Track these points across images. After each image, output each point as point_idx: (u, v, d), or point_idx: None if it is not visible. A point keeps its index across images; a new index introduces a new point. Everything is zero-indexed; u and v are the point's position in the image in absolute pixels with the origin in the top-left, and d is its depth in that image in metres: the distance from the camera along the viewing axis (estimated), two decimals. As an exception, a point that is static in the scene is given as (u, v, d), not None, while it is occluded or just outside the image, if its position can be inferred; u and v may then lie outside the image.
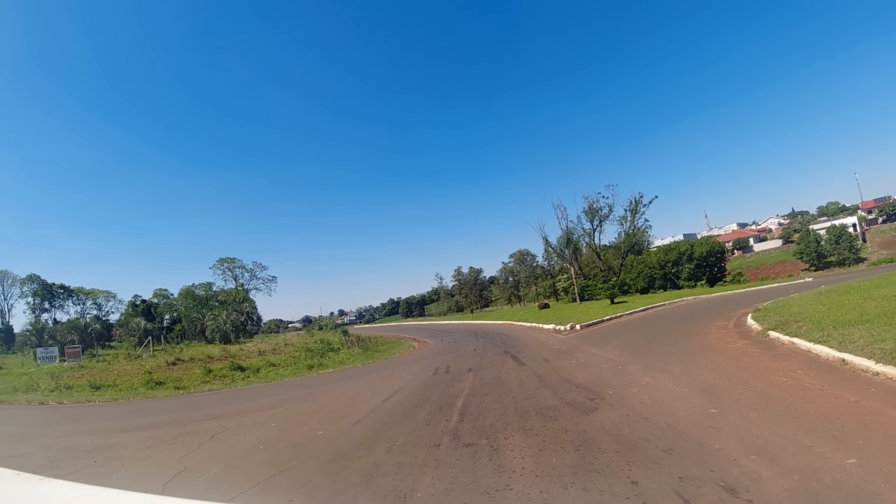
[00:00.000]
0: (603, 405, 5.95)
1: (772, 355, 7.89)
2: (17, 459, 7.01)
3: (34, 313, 58.74)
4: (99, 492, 1.64)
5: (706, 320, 14.48)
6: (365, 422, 6.80)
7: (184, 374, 20.63)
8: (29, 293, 59.64)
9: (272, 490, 4.27)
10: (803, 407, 4.96)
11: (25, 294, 60.05)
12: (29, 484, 1.93)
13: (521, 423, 5.55)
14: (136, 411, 12.24)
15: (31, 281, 59.68)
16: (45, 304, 60.34)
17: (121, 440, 7.86)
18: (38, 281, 59.85)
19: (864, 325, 8.13)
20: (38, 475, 1.99)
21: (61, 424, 10.78)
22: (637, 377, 7.54)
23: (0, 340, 56.75)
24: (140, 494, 1.60)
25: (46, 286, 60.31)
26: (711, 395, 5.85)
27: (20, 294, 60.65)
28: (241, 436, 6.92)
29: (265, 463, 5.19)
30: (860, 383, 5.57)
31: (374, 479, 4.18)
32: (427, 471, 4.24)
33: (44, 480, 1.89)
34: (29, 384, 18.13)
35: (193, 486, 4.79)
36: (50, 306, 61.24)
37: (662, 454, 4.01)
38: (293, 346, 30.69)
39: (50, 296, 60.85)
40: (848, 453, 3.64)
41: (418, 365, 14.60)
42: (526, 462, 4.17)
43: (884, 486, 3.06)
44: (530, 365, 10.61)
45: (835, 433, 4.12)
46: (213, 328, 54.96)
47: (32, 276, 60.07)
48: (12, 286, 60.99)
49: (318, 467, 4.80)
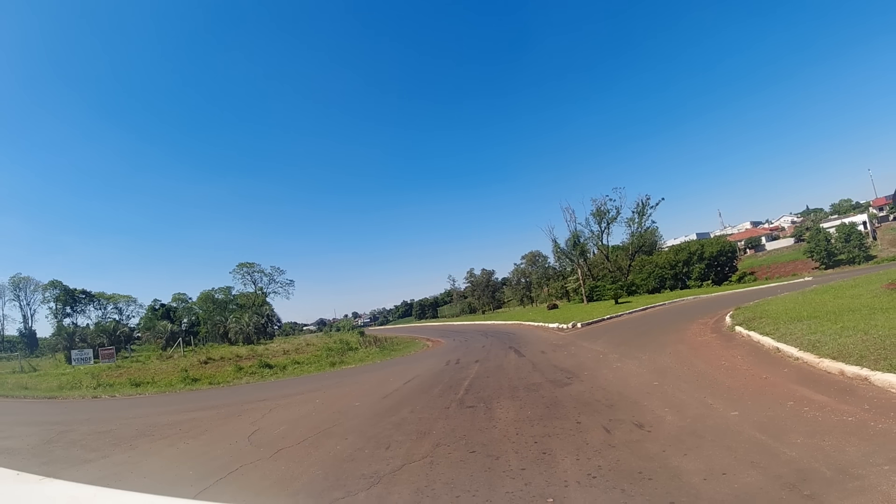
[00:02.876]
0: (576, 381, 7.65)
1: (727, 345, 9.43)
2: (109, 434, 8.75)
3: (56, 318, 60.08)
4: (99, 492, 1.70)
5: (693, 318, 15.93)
6: (391, 396, 8.60)
7: (216, 372, 22.22)
8: (51, 298, 61.07)
9: (330, 435, 6.06)
10: (724, 381, 6.57)
11: (48, 300, 61.54)
12: (29, 484, 1.94)
13: (511, 394, 7.28)
14: (188, 399, 13.85)
15: (54, 287, 61.14)
16: (66, 308, 61.66)
17: (193, 416, 9.71)
18: (60, 286, 61.23)
19: (811, 320, 9.60)
20: (37, 475, 2.02)
21: (129, 410, 12.33)
22: (611, 363, 9.19)
23: (24, 345, 58.35)
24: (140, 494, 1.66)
25: (68, 291, 61.77)
26: (661, 373, 7.48)
27: (42, 300, 62.31)
28: (293, 409, 8.77)
29: (320, 421, 7.00)
30: (779, 365, 7.12)
31: (403, 426, 5.95)
32: (439, 421, 6.00)
33: (44, 480, 1.90)
34: (72, 383, 19.36)
35: (270, 437, 6.60)
36: (72, 311, 62.58)
37: (604, 408, 5.70)
38: (314, 346, 32.50)
39: (72, 301, 62.19)
40: (734, 409, 5.26)
41: (432, 359, 16.37)
42: (509, 414, 5.90)
43: (747, 427, 4.65)
44: (528, 356, 12.31)
45: (734, 397, 5.73)
46: (237, 330, 57.53)
47: (55, 282, 61.54)
48: (35, 292, 62.77)
49: (360, 422, 6.60)
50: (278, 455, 5.49)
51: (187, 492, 4.58)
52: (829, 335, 7.65)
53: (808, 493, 3.09)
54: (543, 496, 3.41)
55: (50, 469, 6.23)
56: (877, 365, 5.74)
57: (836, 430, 4.21)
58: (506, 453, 4.47)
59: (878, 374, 5.49)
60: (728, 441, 4.21)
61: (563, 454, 4.27)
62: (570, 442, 4.59)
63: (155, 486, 5.05)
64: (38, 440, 8.43)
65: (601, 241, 51.39)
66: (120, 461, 6.40)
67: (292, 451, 5.57)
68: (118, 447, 7.37)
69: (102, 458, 6.65)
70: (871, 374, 5.58)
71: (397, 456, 4.79)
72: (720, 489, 3.30)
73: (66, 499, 1.68)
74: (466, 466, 4.26)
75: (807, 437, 4.10)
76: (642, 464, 3.86)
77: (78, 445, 7.83)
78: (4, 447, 7.92)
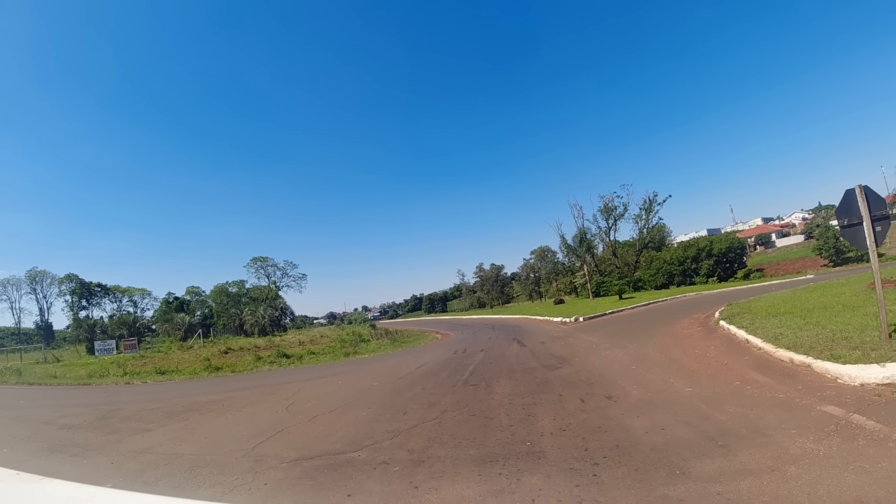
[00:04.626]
0: (566, 366, 8.78)
1: (707, 337, 10.45)
2: (158, 410, 9.79)
3: (73, 311, 61.47)
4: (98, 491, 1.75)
5: (688, 314, 16.89)
6: (404, 378, 9.83)
7: (237, 361, 23.27)
8: (67, 292, 62.52)
9: (356, 406, 7.28)
10: (691, 366, 7.64)
11: (63, 293, 63.01)
12: (29, 484, 1.96)
13: (509, 375, 8.45)
14: (218, 384, 14.83)
15: (70, 280, 62.47)
16: (82, 302, 62.90)
17: (230, 396, 10.97)
18: (76, 280, 62.54)
19: (785, 316, 10.57)
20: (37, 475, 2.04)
21: (165, 392, 13.31)
22: (601, 351, 10.28)
23: (40, 337, 60.59)
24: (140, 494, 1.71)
25: (84, 285, 62.93)
26: (641, 359, 8.57)
27: (58, 293, 64.07)
28: (319, 388, 10.03)
29: (345, 397, 8.24)
30: (743, 354, 8.14)
31: (416, 399, 7.15)
32: (447, 395, 7.19)
33: (44, 480, 1.92)
34: (100, 371, 20.19)
35: (304, 408, 7.84)
36: (87, 304, 63.74)
37: (585, 385, 6.83)
38: (328, 338, 33.84)
39: (88, 294, 63.44)
40: (690, 386, 6.34)
41: (441, 349, 17.58)
42: (505, 390, 7.07)
43: (695, 399, 5.74)
44: (529, 346, 13.45)
45: (693, 378, 6.80)
46: (252, 322, 59.44)
47: (71, 276, 62.86)
48: (51, 286, 65.14)
49: (380, 397, 7.83)
50: (315, 420, 6.72)
51: (246, 445, 5.81)
52: (791, 329, 8.64)
53: (722, 444, 4.18)
54: (523, 441, 4.57)
55: (117, 437, 7.35)
56: (820, 354, 6.74)
57: (766, 403, 5.27)
58: (499, 416, 5.64)
59: (819, 361, 6.50)
60: (675, 408, 5.31)
61: (544, 416, 5.42)
62: (551, 408, 5.74)
63: (218, 443, 6.28)
64: (94, 417, 9.38)
65: (608, 238, 52.12)
66: (178, 428, 7.63)
67: (326, 417, 6.80)
68: (171, 419, 8.57)
69: (161, 427, 7.84)
70: (812, 362, 6.59)
71: (412, 419, 5.99)
72: (656, 438, 4.41)
73: (65, 498, 1.69)
74: (467, 424, 5.44)
75: (738, 407, 5.17)
76: (603, 422, 4.98)
77: (133, 419, 8.94)
78: (66, 424, 8.90)
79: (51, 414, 10.34)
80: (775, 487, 3.22)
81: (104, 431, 7.91)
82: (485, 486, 3.65)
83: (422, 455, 4.55)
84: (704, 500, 3.13)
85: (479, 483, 3.74)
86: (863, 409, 4.66)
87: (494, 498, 3.44)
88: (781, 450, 3.88)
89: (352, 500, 3.71)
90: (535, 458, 4.16)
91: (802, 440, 4.03)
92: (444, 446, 4.73)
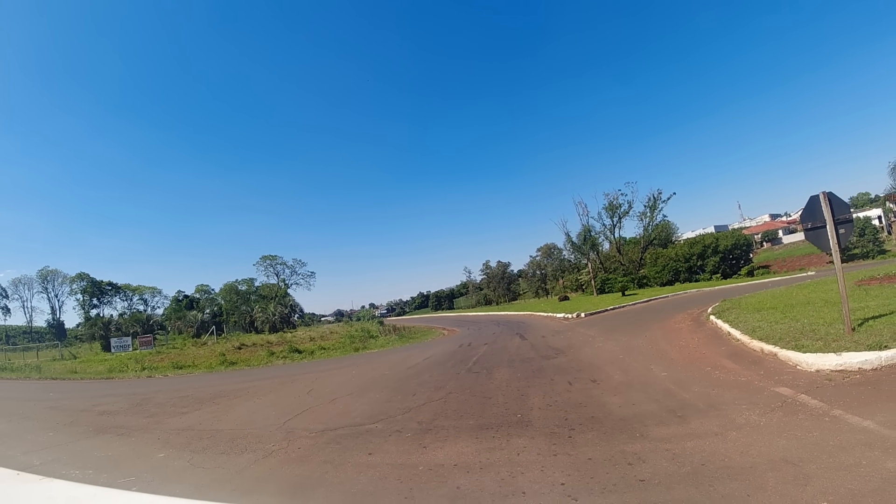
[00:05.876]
0: (561, 356, 9.61)
1: (695, 331, 11.19)
2: (189, 398, 10.42)
3: (84, 309, 62.92)
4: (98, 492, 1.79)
5: (684, 309, 17.56)
6: (413, 368, 10.73)
7: (251, 356, 23.95)
8: (78, 290, 64.03)
9: (370, 390, 8.17)
10: (672, 355, 8.42)
11: (75, 291, 64.59)
12: (29, 484, 1.99)
13: (508, 364, 9.31)
14: (237, 376, 15.51)
15: (81, 279, 63.96)
16: (93, 300, 64.46)
17: (252, 385, 11.87)
18: (87, 279, 64.00)
19: (768, 311, 11.26)
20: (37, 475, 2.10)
21: (189, 383, 13.90)
22: (595, 343, 11.08)
23: (52, 335, 61.91)
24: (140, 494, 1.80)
25: (95, 283, 64.38)
26: (629, 350, 9.36)
27: (70, 292, 65.69)
28: (334, 377, 10.95)
29: (360, 384, 9.14)
30: (721, 345, 8.89)
31: (424, 384, 8.04)
32: (452, 380, 8.08)
33: (44, 480, 1.97)
34: (119, 366, 20.93)
35: (324, 392, 8.75)
36: (99, 302, 65.29)
37: (574, 371, 7.66)
38: (338, 334, 34.74)
39: (99, 292, 64.93)
40: (666, 371, 7.13)
41: (447, 343, 18.47)
42: (504, 376, 7.93)
43: (667, 382, 6.53)
44: (530, 340, 14.29)
45: (671, 365, 7.59)
46: (263, 319, 60.83)
47: (82, 275, 64.33)
48: (62, 285, 66.66)
49: (392, 382, 8.73)
50: (334, 401, 7.63)
51: (277, 421, 6.70)
52: (769, 323, 9.37)
53: (680, 415, 4.98)
54: (514, 414, 5.42)
55: (156, 420, 8.19)
56: (787, 345, 7.47)
57: (727, 385, 6.06)
58: (496, 395, 6.50)
59: (784, 351, 7.24)
60: (648, 389, 6.13)
61: (535, 396, 6.26)
62: (542, 390, 6.58)
63: (251, 421, 7.18)
64: (128, 405, 10.07)
65: (613, 235, 52.66)
66: (211, 411, 8.53)
67: (344, 399, 7.70)
68: (203, 404, 9.45)
69: (195, 411, 8.73)
70: (779, 351, 7.34)
71: (421, 399, 6.88)
72: (626, 411, 5.24)
73: (65, 498, 1.69)
74: (468, 402, 6.31)
75: (702, 388, 5.96)
76: (584, 400, 5.82)
77: (167, 405, 9.75)
78: (103, 411, 9.62)
79: (85, 403, 11.00)
80: (715, 447, 4.03)
81: (142, 415, 8.68)
82: (481, 445, 4.51)
83: (429, 425, 5.43)
84: (654, 455, 3.95)
85: (477, 443, 4.60)
86: (811, 390, 5.40)
87: (488, 453, 4.29)
88: (728, 420, 4.68)
89: (372, 456, 4.58)
90: (524, 425, 5.01)
91: (749, 413, 4.81)
92: (449, 418, 5.60)
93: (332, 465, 4.47)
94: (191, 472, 4.86)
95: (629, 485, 3.39)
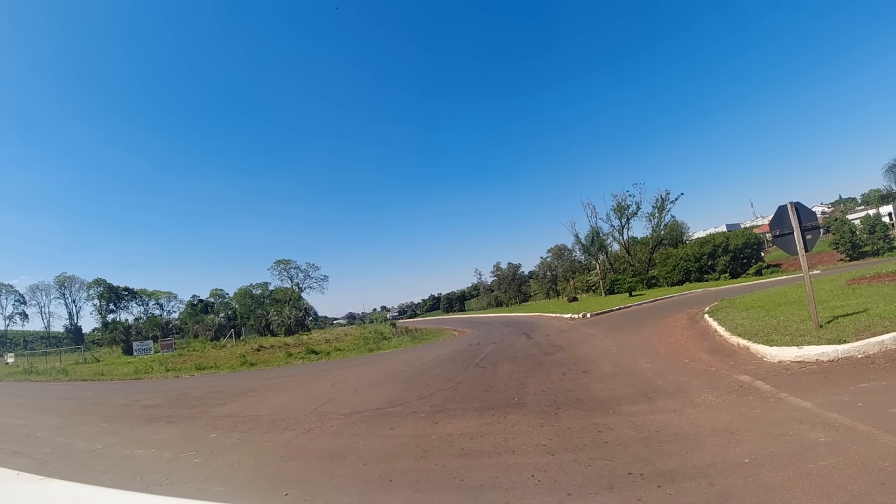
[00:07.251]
0: (560, 352, 10.57)
1: (686, 329, 12.04)
2: (223, 393, 11.31)
3: (101, 314, 64.44)
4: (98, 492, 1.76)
5: (684, 308, 18.33)
6: (426, 364, 11.79)
7: (270, 357, 25.00)
8: (95, 296, 65.57)
9: (388, 383, 9.23)
10: (659, 349, 9.32)
11: (92, 297, 66.14)
12: (29, 484, 1.99)
13: (512, 360, 10.31)
14: (261, 374, 16.50)
15: (98, 285, 65.48)
16: (110, 305, 66.02)
17: (279, 381, 12.99)
18: (104, 284, 65.45)
19: (756, 309, 12.04)
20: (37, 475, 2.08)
21: (219, 381, 14.83)
22: (594, 341, 12.00)
23: (70, 340, 62.70)
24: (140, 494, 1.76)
25: (112, 289, 65.91)
26: (623, 346, 10.28)
27: (87, 297, 67.14)
28: (355, 374, 12.04)
29: (378, 378, 10.21)
30: (706, 341, 9.75)
31: (436, 377, 9.08)
32: (460, 374, 9.11)
33: (44, 480, 1.96)
34: (144, 368, 21.63)
35: (346, 385, 9.82)
36: (115, 307, 66.80)
37: (570, 364, 8.63)
38: (352, 336, 35.82)
39: (115, 297, 66.42)
40: (649, 363, 8.05)
41: (457, 343, 19.50)
42: (507, 369, 8.94)
43: (647, 372, 7.45)
44: (535, 338, 15.24)
45: (656, 358, 8.50)
46: (278, 322, 62.44)
47: (99, 280, 65.88)
48: (79, 290, 68.04)
49: (407, 376, 9.79)
50: (357, 392, 8.70)
51: (309, 408, 7.78)
52: (751, 320, 10.20)
53: (650, 397, 5.92)
54: (513, 398, 6.43)
55: (199, 410, 9.24)
56: (759, 339, 8.31)
57: (698, 374, 6.97)
58: (499, 385, 7.52)
59: (755, 345, 8.08)
60: (630, 378, 7.07)
61: (532, 384, 7.26)
62: (538, 379, 7.58)
63: (286, 408, 8.27)
64: (168, 399, 10.96)
65: (622, 236, 53.23)
66: (248, 401, 9.63)
67: (365, 391, 8.78)
68: (238, 397, 10.53)
69: (233, 402, 9.83)
70: (751, 346, 8.19)
71: (433, 388, 7.92)
72: (607, 395, 6.20)
73: (65, 498, 1.70)
74: (474, 391, 7.34)
75: (676, 376, 6.89)
76: (574, 386, 6.80)
77: (205, 398, 10.82)
78: (146, 405, 10.53)
79: (126, 399, 11.73)
80: (671, 419, 4.97)
81: (184, 407, 9.70)
82: (482, 421, 5.54)
83: (440, 408, 6.46)
84: (620, 425, 4.92)
85: (479, 420, 5.62)
86: (768, 377, 6.27)
87: (488, 426, 5.31)
88: (688, 400, 5.61)
89: (393, 430, 5.63)
90: (519, 406, 6.02)
91: (707, 395, 5.73)
92: (457, 402, 6.63)
93: (360, 437, 5.53)
94: (243, 446, 5.94)
95: (596, 444, 4.37)
